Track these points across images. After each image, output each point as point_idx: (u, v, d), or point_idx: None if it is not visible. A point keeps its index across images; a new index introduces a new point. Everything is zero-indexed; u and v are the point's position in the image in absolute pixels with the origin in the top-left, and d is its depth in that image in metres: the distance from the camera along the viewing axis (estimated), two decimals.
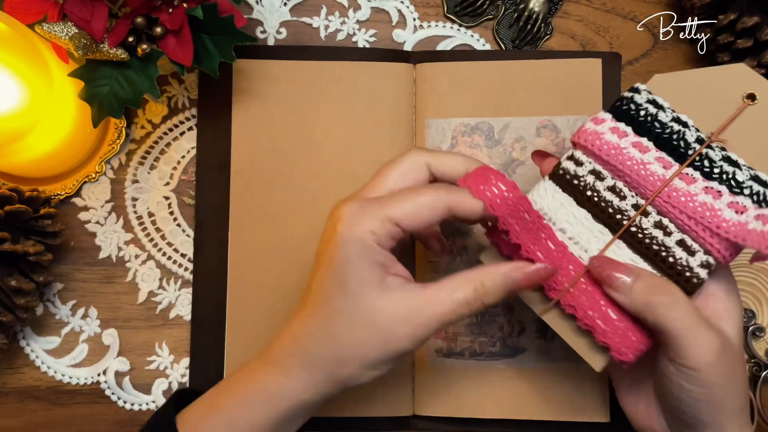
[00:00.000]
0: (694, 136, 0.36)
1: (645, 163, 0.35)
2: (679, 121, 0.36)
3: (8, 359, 0.47)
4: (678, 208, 0.35)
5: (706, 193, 0.35)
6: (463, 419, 0.47)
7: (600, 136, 0.36)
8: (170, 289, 0.48)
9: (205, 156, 0.48)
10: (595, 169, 0.37)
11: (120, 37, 0.41)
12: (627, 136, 0.36)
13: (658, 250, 0.35)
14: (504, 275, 0.34)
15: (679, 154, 0.36)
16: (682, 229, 0.35)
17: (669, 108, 0.36)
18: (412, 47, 0.50)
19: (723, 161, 0.35)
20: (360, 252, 0.33)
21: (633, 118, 0.36)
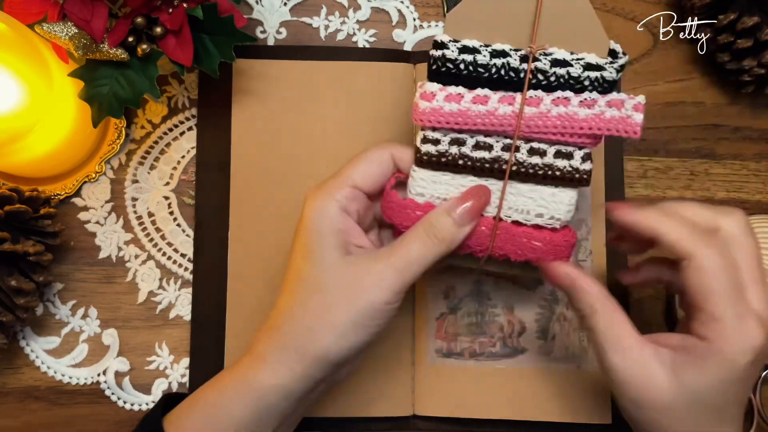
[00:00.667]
0: (517, 59, 0.35)
1: (492, 112, 0.36)
2: (497, 54, 0.35)
3: (8, 359, 0.47)
4: (540, 131, 0.36)
5: (556, 104, 0.35)
6: (463, 419, 0.47)
7: (439, 111, 0.36)
8: (170, 289, 0.48)
9: (205, 156, 0.48)
10: (452, 138, 0.37)
11: (120, 37, 0.41)
12: (463, 96, 0.36)
13: (543, 172, 0.37)
14: (446, 209, 0.36)
15: (515, 84, 0.36)
16: (552, 143, 0.36)
17: (482, 46, 0.35)
18: (412, 47, 0.50)
19: (553, 67, 0.35)
20: (323, 220, 0.35)
21: (458, 76, 0.36)
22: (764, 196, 0.50)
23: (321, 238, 0.35)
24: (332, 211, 0.36)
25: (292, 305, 0.36)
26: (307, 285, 0.35)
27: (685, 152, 0.50)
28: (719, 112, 0.51)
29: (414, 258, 0.35)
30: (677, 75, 0.51)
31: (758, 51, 0.47)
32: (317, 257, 0.35)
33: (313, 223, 0.36)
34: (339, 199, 0.36)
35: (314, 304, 0.35)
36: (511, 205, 0.37)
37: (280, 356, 0.35)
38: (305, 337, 0.35)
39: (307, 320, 0.35)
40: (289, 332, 0.35)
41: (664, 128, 0.50)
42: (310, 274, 0.35)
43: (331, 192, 0.36)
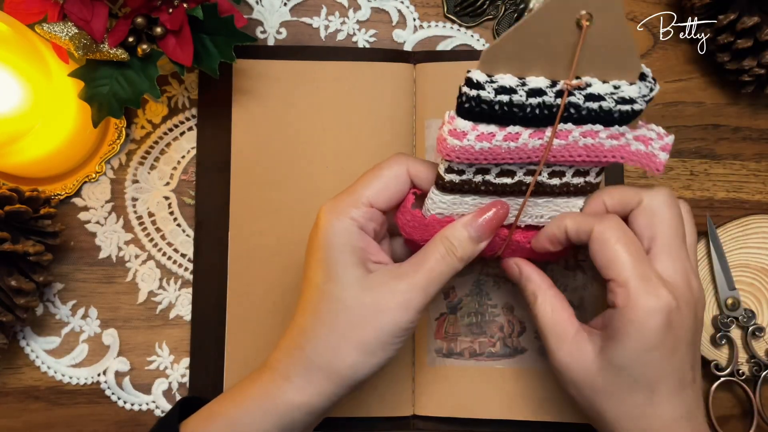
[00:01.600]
0: (552, 95, 0.34)
1: (522, 147, 0.35)
2: (533, 93, 0.33)
3: (8, 359, 0.47)
4: (566, 159, 0.36)
5: (584, 136, 0.35)
6: (463, 419, 0.47)
7: (470, 149, 0.34)
8: (170, 289, 0.48)
9: (205, 156, 0.48)
10: (478, 169, 0.36)
11: (120, 37, 0.41)
12: (495, 135, 0.34)
13: (560, 189, 0.37)
14: (464, 224, 0.36)
15: (548, 118, 0.34)
16: (570, 164, 0.37)
17: (518, 85, 0.33)
18: (412, 47, 0.50)
19: (587, 101, 0.34)
20: (342, 238, 0.35)
21: (492, 116, 0.34)
22: (764, 196, 0.50)
23: (341, 256, 0.35)
24: (351, 229, 0.35)
25: (314, 324, 0.35)
26: (330, 304, 0.35)
27: (685, 152, 0.50)
28: (719, 112, 0.51)
29: (436, 276, 0.35)
30: (677, 75, 0.51)
31: (758, 51, 0.47)
32: (339, 276, 0.35)
33: (331, 241, 0.35)
34: (356, 218, 0.36)
35: (339, 324, 0.35)
36: (526, 213, 0.38)
37: (306, 375, 0.35)
38: (332, 356, 0.35)
39: (332, 340, 0.35)
40: (314, 351, 0.35)
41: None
42: (333, 293, 0.35)
43: (348, 210, 0.36)
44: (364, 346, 0.34)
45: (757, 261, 0.48)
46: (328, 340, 0.35)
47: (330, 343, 0.35)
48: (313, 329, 0.35)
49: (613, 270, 0.34)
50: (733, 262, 0.48)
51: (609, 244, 0.34)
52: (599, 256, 0.34)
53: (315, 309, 0.35)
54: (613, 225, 0.35)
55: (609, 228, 0.34)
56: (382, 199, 0.36)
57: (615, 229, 0.34)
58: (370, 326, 0.34)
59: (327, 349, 0.35)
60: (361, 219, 0.36)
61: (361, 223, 0.36)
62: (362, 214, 0.36)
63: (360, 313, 0.34)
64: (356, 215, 0.35)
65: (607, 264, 0.34)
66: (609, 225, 0.35)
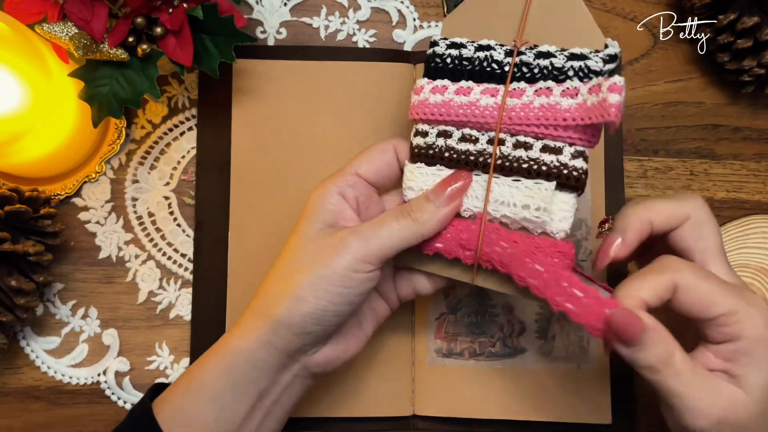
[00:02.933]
0: (502, 53, 0.36)
1: (474, 102, 0.36)
2: (481, 47, 0.36)
3: (8, 359, 0.47)
4: (523, 122, 0.35)
5: (538, 95, 0.35)
6: (463, 419, 0.47)
7: (425, 102, 0.37)
8: (170, 289, 0.48)
9: (205, 156, 0.48)
10: (440, 131, 0.37)
11: (120, 37, 0.41)
12: (447, 88, 0.37)
13: (528, 166, 0.35)
14: (426, 193, 0.36)
15: (499, 76, 0.36)
16: (538, 137, 0.35)
17: (468, 41, 0.36)
18: (412, 47, 0.50)
19: (537, 59, 0.35)
20: (319, 202, 0.37)
21: (444, 70, 0.37)
22: (764, 196, 0.50)
23: (311, 216, 0.37)
24: (329, 194, 0.37)
25: (269, 275, 0.37)
26: (283, 256, 0.37)
27: (684, 152, 0.50)
28: (719, 112, 0.51)
29: (384, 232, 0.35)
30: (677, 75, 0.51)
31: (758, 51, 0.47)
32: (301, 232, 0.37)
33: (310, 205, 0.37)
34: (338, 184, 0.37)
35: (282, 272, 0.36)
36: (496, 197, 0.36)
37: (248, 321, 0.36)
38: (268, 300, 0.36)
39: (273, 286, 0.36)
40: (257, 298, 0.37)
41: (664, 128, 0.50)
42: (290, 246, 0.37)
43: (333, 179, 0.38)
44: (295, 290, 0.35)
45: (757, 261, 0.48)
46: (270, 287, 0.36)
47: (270, 289, 0.36)
48: (266, 279, 0.37)
49: (718, 306, 0.32)
50: (733, 262, 0.48)
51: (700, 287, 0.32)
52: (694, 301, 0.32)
53: (275, 263, 0.37)
54: (690, 268, 0.33)
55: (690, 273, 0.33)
56: (366, 167, 0.38)
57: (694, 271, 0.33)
58: (305, 271, 0.35)
59: (266, 294, 0.36)
60: (342, 184, 0.37)
61: (341, 189, 0.37)
62: (344, 181, 0.37)
63: (301, 261, 0.35)
64: (338, 182, 0.37)
65: (708, 304, 0.32)
66: (688, 271, 0.33)
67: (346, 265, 0.34)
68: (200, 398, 0.35)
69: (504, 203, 0.36)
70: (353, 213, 0.38)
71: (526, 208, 0.35)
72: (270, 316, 0.35)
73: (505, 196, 0.36)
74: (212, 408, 0.35)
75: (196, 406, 0.35)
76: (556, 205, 0.35)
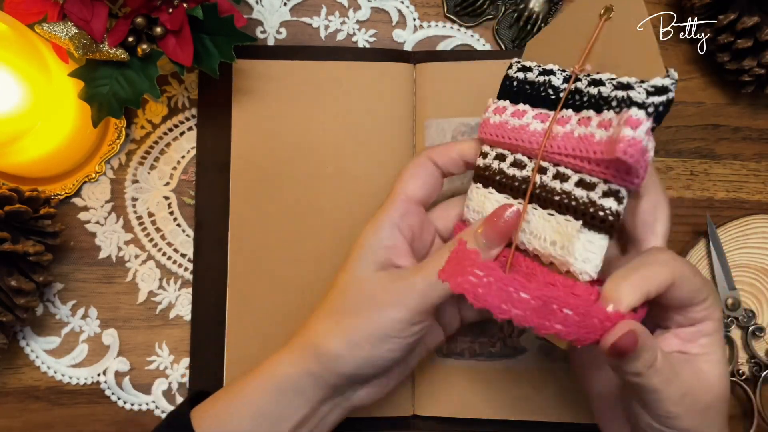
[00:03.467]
0: (560, 79, 0.35)
1: (524, 126, 0.35)
2: (544, 72, 0.36)
3: (8, 359, 0.47)
4: (563, 152, 0.33)
5: (580, 124, 0.33)
6: (463, 419, 0.47)
7: (487, 122, 0.37)
8: (170, 289, 0.48)
9: (205, 156, 0.48)
10: (497, 153, 0.37)
11: (120, 37, 0.41)
12: (506, 109, 0.37)
13: (560, 199, 0.33)
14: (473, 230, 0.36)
15: (553, 102, 0.35)
16: (576, 170, 0.33)
17: (535, 65, 0.36)
18: (412, 47, 0.50)
19: (589, 86, 0.33)
20: (373, 237, 0.37)
21: (510, 92, 0.37)
22: (764, 196, 0.50)
23: (364, 252, 0.37)
24: (382, 228, 0.37)
25: (319, 311, 0.37)
26: (334, 295, 0.37)
27: (684, 152, 0.50)
28: (719, 112, 0.51)
29: (439, 284, 0.34)
30: (677, 75, 0.51)
31: (758, 51, 0.47)
32: (354, 269, 0.37)
33: (362, 243, 0.37)
34: (391, 216, 0.37)
35: (335, 312, 0.36)
36: (532, 229, 0.34)
37: (298, 351, 0.36)
38: (322, 339, 0.36)
39: (325, 324, 0.36)
40: (308, 329, 0.37)
41: (664, 128, 0.50)
42: (340, 282, 0.37)
43: (386, 212, 0.37)
44: (352, 336, 0.35)
45: (757, 261, 0.48)
46: (322, 323, 0.36)
47: (323, 326, 0.36)
48: (317, 312, 0.37)
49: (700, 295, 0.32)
50: (733, 262, 0.48)
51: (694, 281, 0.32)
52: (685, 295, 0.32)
53: (326, 295, 0.37)
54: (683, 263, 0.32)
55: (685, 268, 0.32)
56: (412, 186, 0.38)
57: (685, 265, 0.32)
58: (363, 319, 0.35)
59: (319, 331, 0.36)
60: (394, 215, 0.37)
61: (395, 220, 0.37)
62: (396, 211, 0.37)
63: (355, 301, 0.35)
64: (391, 213, 0.37)
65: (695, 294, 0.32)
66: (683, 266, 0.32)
67: (401, 318, 0.35)
68: (241, 414, 0.36)
69: (536, 236, 0.34)
70: (407, 246, 0.37)
71: (553, 245, 0.33)
72: (322, 355, 0.35)
73: (538, 229, 0.34)
74: (251, 425, 0.35)
75: (236, 421, 0.36)
76: (582, 244, 0.32)
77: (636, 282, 0.30)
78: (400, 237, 0.37)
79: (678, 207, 0.50)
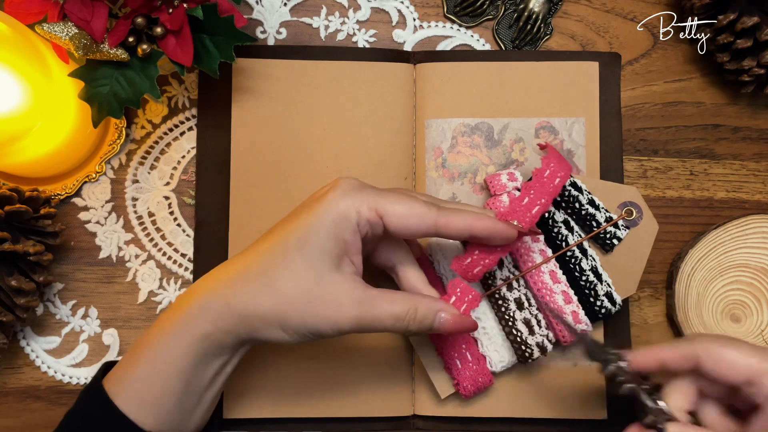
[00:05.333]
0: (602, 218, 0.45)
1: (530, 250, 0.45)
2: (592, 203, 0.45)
3: (8, 359, 0.47)
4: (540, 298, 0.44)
5: (563, 294, 0.44)
6: (463, 418, 0.47)
7: None
8: (170, 289, 0.48)
9: (205, 156, 0.48)
10: None
11: (120, 37, 0.41)
12: None
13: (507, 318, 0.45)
14: (435, 312, 0.37)
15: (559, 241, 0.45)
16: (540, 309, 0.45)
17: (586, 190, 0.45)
18: (412, 47, 0.50)
19: (591, 272, 0.45)
20: (336, 222, 0.35)
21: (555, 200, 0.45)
22: (764, 196, 0.50)
23: (325, 238, 0.36)
24: (350, 218, 0.36)
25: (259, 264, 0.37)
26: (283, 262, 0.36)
27: (684, 152, 0.50)
28: (719, 112, 0.51)
29: (383, 319, 0.36)
30: (677, 75, 0.51)
31: (758, 51, 0.47)
32: (310, 253, 0.36)
33: (327, 217, 0.36)
34: (362, 215, 0.36)
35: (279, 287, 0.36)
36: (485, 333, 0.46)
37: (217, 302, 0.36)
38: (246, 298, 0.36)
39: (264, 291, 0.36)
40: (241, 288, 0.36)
41: (664, 128, 0.50)
42: (294, 260, 0.36)
43: (362, 202, 0.36)
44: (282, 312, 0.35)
45: (757, 261, 0.48)
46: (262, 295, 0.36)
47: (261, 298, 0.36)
48: (257, 273, 0.36)
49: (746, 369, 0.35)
50: (733, 262, 0.48)
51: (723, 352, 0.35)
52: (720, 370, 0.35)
53: (270, 259, 0.36)
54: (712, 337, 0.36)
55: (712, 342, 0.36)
56: (395, 219, 0.36)
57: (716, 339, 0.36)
58: (301, 315, 0.35)
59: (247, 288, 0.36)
60: (364, 220, 0.36)
61: (362, 222, 0.36)
62: (369, 217, 0.36)
63: (301, 297, 0.35)
64: (364, 211, 0.36)
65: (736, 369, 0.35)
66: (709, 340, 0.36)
67: (335, 329, 0.36)
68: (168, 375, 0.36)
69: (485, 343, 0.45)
70: (359, 249, 0.37)
71: None
72: (249, 319, 0.36)
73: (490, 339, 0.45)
74: (180, 382, 0.36)
75: (163, 383, 0.36)
76: None
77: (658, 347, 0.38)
78: (358, 238, 0.36)
79: (678, 207, 0.50)
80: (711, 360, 0.35)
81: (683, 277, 0.48)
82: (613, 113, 0.49)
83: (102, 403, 0.36)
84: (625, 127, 0.50)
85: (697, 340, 0.36)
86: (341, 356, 0.46)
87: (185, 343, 0.36)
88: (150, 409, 0.36)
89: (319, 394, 0.46)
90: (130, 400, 0.36)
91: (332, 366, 0.46)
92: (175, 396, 0.36)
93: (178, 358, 0.36)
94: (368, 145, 0.48)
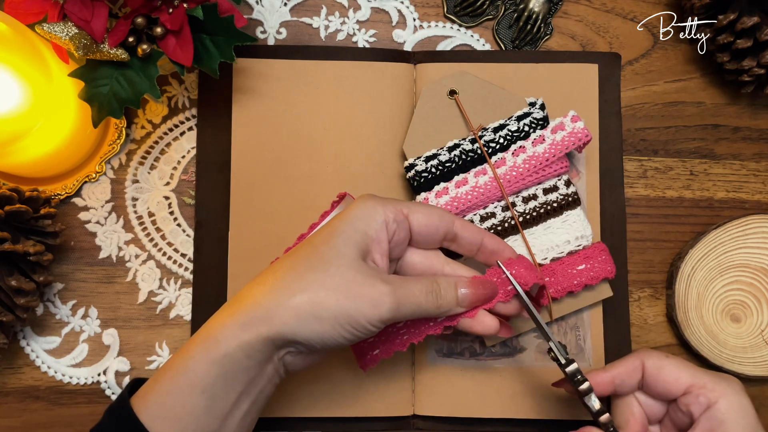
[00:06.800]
0: (468, 142, 0.45)
1: (474, 186, 0.45)
2: (450, 148, 0.45)
3: (8, 359, 0.47)
4: (519, 180, 0.44)
5: (516, 155, 0.45)
6: (463, 419, 0.47)
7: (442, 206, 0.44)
8: (170, 289, 0.48)
9: (205, 156, 0.48)
10: None
11: (120, 37, 0.41)
12: (448, 189, 0.45)
13: (543, 211, 0.45)
14: (455, 282, 0.38)
15: (478, 159, 0.45)
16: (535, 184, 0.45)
17: (437, 149, 0.45)
18: (412, 47, 0.50)
19: (496, 132, 0.45)
20: (362, 218, 0.36)
21: (435, 178, 0.45)
22: (763, 196, 0.50)
23: (351, 234, 0.36)
24: (377, 218, 0.37)
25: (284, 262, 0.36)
26: (310, 256, 0.36)
27: (684, 152, 0.50)
28: (719, 112, 0.51)
29: (413, 302, 0.36)
30: (677, 75, 0.51)
31: (758, 51, 0.47)
32: (337, 248, 0.36)
33: (354, 217, 0.36)
34: (388, 213, 0.37)
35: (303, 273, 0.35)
36: (541, 247, 0.45)
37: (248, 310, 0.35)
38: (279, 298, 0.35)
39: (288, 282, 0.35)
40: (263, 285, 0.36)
41: (664, 128, 0.50)
42: (324, 256, 0.35)
43: (386, 204, 0.37)
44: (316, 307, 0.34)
45: (757, 261, 0.48)
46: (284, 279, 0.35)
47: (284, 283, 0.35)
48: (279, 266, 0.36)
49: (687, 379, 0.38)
50: (733, 262, 0.48)
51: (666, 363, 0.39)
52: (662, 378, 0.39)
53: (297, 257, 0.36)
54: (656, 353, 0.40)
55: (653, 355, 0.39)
56: (419, 216, 0.38)
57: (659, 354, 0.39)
58: (332, 296, 0.34)
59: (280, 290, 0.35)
60: (390, 217, 0.37)
61: (388, 220, 0.37)
62: (395, 215, 0.37)
63: (327, 275, 0.35)
64: (389, 211, 0.37)
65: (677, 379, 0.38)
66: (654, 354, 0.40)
67: (372, 321, 0.35)
68: (190, 391, 0.35)
69: (550, 249, 0.45)
70: (385, 250, 0.37)
71: (567, 243, 0.45)
72: (276, 319, 0.35)
73: (546, 243, 0.45)
74: (203, 399, 0.35)
75: (185, 399, 0.35)
76: (581, 221, 0.45)
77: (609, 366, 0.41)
78: (384, 236, 0.37)
79: (678, 207, 0.50)
80: (655, 368, 0.38)
81: (683, 277, 0.48)
82: (613, 113, 0.49)
83: (127, 418, 0.35)
84: (625, 127, 0.50)
85: (643, 353, 0.39)
86: (341, 356, 0.46)
87: (209, 360, 0.35)
88: (171, 424, 0.35)
89: (319, 394, 0.46)
90: (153, 414, 0.35)
91: (332, 366, 0.46)
92: (196, 413, 0.35)
93: (201, 374, 0.35)
94: (368, 144, 0.48)
